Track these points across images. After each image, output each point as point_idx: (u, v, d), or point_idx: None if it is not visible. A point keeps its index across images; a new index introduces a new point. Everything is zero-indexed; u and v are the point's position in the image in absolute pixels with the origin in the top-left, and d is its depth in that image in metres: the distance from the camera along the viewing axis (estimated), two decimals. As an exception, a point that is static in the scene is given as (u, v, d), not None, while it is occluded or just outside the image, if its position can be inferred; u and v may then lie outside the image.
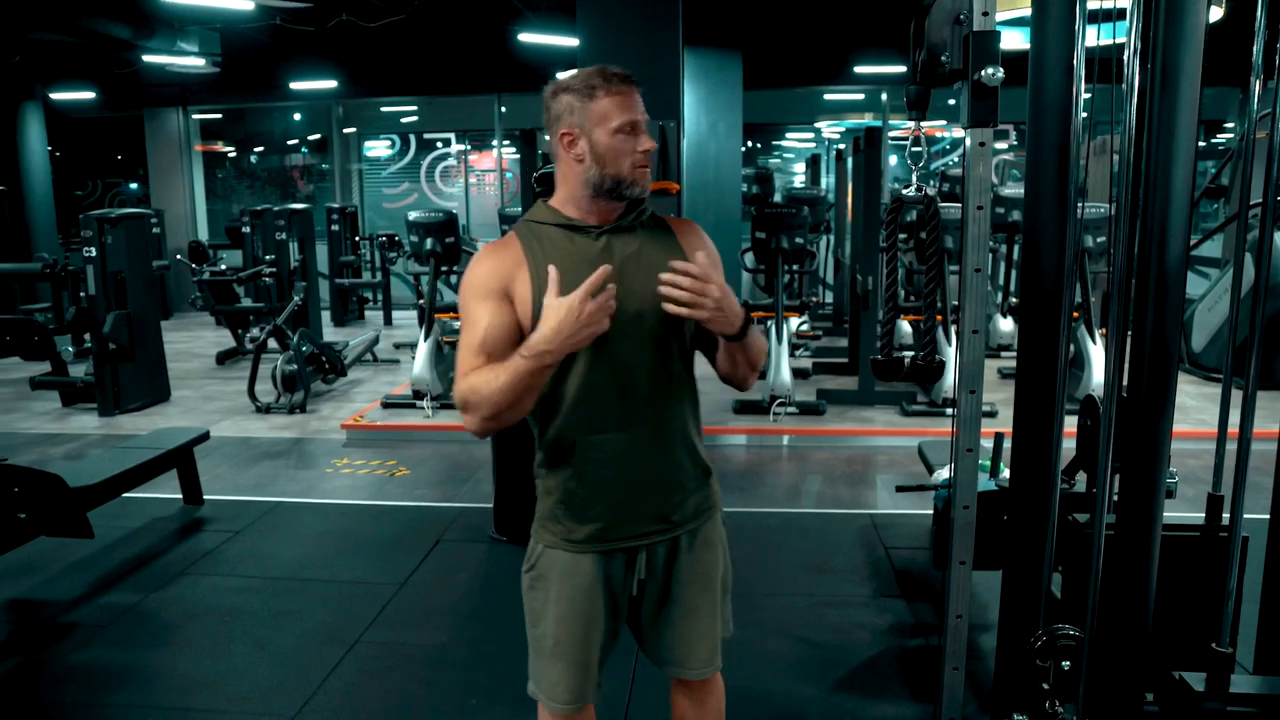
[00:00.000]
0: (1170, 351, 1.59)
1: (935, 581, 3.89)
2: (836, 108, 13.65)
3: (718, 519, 2.02)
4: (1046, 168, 1.92)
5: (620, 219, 1.86)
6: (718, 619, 2.01)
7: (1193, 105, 1.53)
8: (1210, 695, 1.59)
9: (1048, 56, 1.90)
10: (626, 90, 1.77)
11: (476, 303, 1.81)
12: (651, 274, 1.79)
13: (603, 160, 1.78)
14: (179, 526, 4.66)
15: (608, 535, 1.89)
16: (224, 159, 14.56)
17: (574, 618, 1.92)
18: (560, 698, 1.97)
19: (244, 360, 8.76)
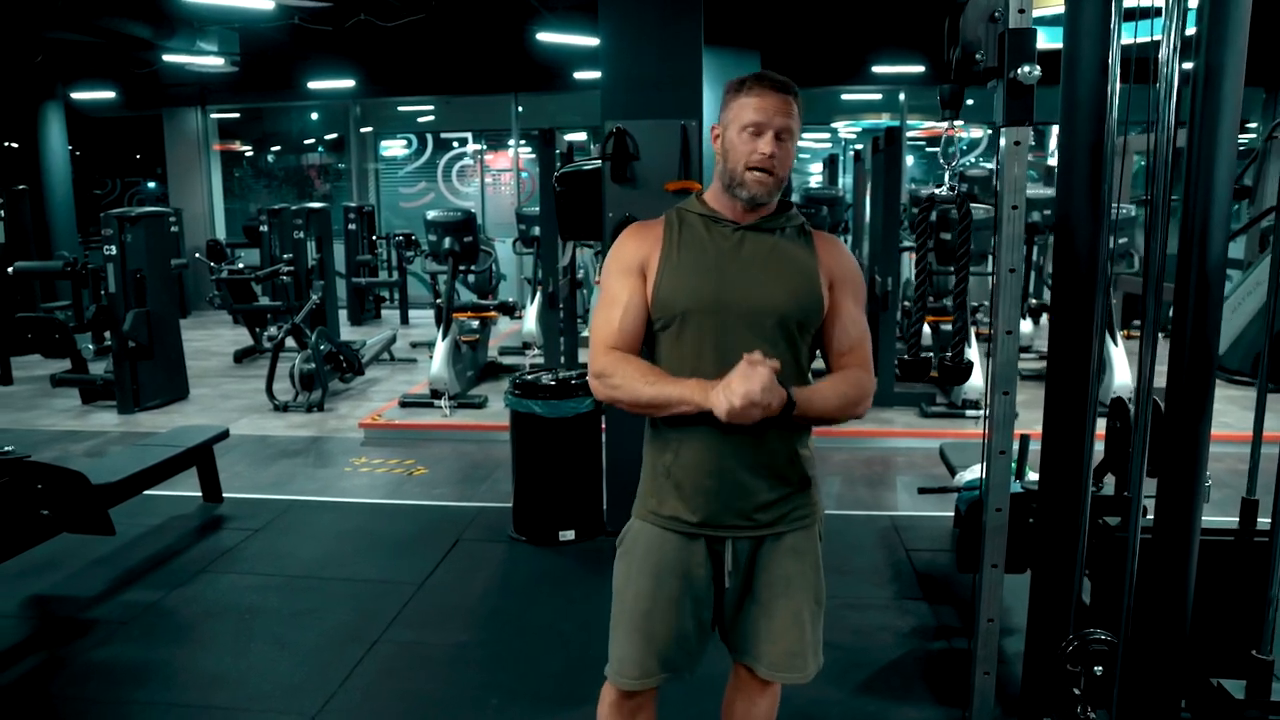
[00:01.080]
0: (1211, 350, 1.57)
1: (957, 584, 3.86)
2: (853, 108, 13.61)
3: (813, 532, 2.01)
4: (1079, 168, 1.90)
5: (763, 220, 1.90)
6: (804, 629, 1.99)
7: (1236, 102, 1.51)
8: (1251, 704, 1.56)
9: (1081, 55, 1.88)
10: (770, 94, 1.81)
11: (618, 277, 1.91)
12: (776, 275, 1.87)
13: (726, 155, 1.86)
14: (199, 524, 4.67)
15: (694, 519, 1.91)
16: (241, 158, 14.62)
17: (651, 593, 1.95)
18: (624, 671, 1.99)
19: (261, 359, 8.79)
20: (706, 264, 1.86)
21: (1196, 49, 1.53)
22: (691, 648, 2.00)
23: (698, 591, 1.95)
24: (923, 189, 7.89)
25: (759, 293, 1.85)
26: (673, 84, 4.06)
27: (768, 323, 1.85)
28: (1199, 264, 1.55)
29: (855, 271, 1.96)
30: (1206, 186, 1.54)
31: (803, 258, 1.90)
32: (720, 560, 1.94)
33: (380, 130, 14.07)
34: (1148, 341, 1.82)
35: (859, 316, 1.94)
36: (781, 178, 1.86)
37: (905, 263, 8.35)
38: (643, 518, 1.98)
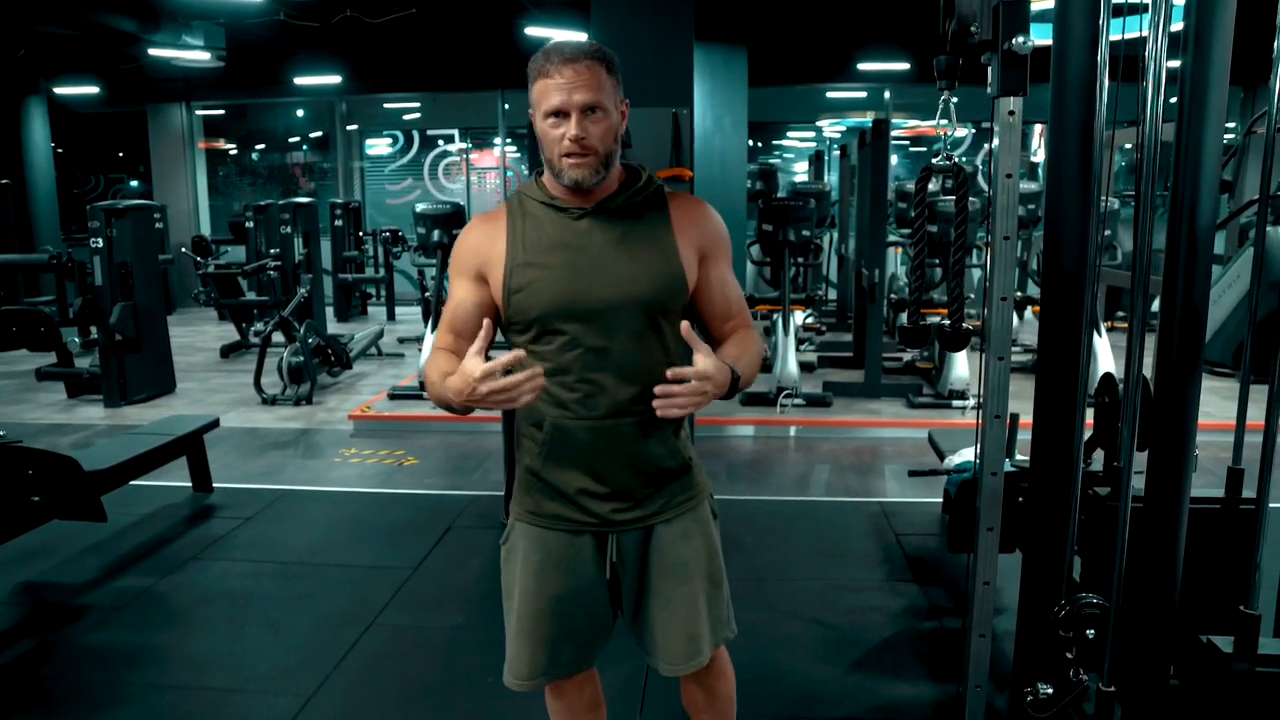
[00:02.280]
0: (1200, 324, 1.61)
1: (948, 567, 3.91)
2: (838, 106, 13.69)
3: (702, 513, 1.94)
4: (1068, 162, 1.93)
5: (609, 199, 1.78)
6: (700, 613, 1.92)
7: (1222, 95, 1.55)
8: (1239, 657, 1.60)
9: (1070, 50, 1.91)
10: (565, 69, 1.66)
11: (455, 276, 1.85)
12: (634, 262, 1.77)
13: (541, 144, 1.73)
14: (189, 513, 4.66)
15: (574, 515, 1.85)
16: (226, 156, 14.56)
17: (536, 594, 1.89)
18: (516, 672, 1.95)
19: (248, 354, 8.77)
20: (556, 262, 1.74)
21: (1184, 45, 1.56)
22: (585, 640, 1.95)
23: (586, 586, 1.90)
24: (908, 184, 7.94)
25: (617, 287, 1.74)
26: (664, 72, 4.09)
27: (631, 315, 1.76)
28: (1189, 236, 1.59)
29: (721, 233, 1.87)
30: (1194, 177, 1.57)
31: (659, 237, 1.80)
32: (606, 552, 1.89)
33: (366, 128, 14.06)
34: (1138, 317, 1.87)
35: (732, 277, 1.88)
36: (604, 153, 1.71)
37: (891, 257, 8.42)
38: (521, 519, 1.91)
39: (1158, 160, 1.75)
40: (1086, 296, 1.99)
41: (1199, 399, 1.80)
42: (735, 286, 1.92)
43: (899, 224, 8.24)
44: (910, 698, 2.91)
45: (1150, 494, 1.76)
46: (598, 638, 1.98)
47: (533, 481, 1.88)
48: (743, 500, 4.81)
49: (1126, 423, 2.06)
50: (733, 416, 6.32)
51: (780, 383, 6.47)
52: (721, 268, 1.89)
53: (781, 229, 6.79)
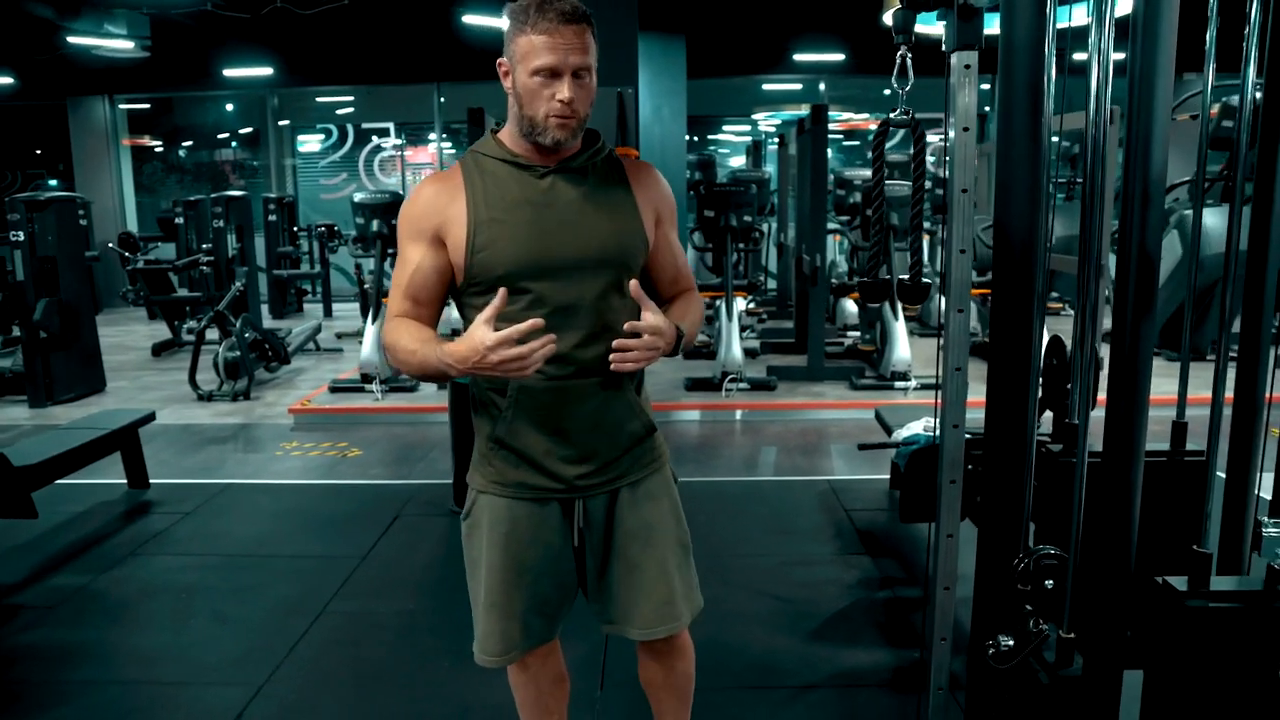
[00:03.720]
0: (1153, 283, 1.64)
1: (898, 539, 3.96)
2: (774, 99, 13.80)
3: (665, 475, 1.93)
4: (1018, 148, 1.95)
5: (570, 159, 1.75)
6: (672, 576, 1.90)
7: (1168, 80, 1.59)
8: (1192, 594, 1.64)
9: (1017, 38, 1.93)
10: (559, 30, 1.62)
11: (408, 241, 1.77)
12: (597, 221, 1.75)
13: (521, 100, 1.68)
14: (125, 509, 4.52)
15: (539, 482, 1.82)
16: (151, 153, 14.13)
17: (505, 566, 1.85)
18: (489, 649, 1.92)
19: (181, 352, 8.54)
20: (520, 219, 1.71)
21: (1132, 32, 1.59)
22: (552, 611, 1.92)
23: (553, 555, 1.87)
24: (846, 171, 8.03)
25: (583, 243, 1.73)
26: (609, 52, 4.06)
27: (596, 273, 1.74)
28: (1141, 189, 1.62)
29: (670, 197, 1.89)
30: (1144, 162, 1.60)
31: (621, 196, 1.79)
32: (573, 519, 1.86)
33: (298, 123, 13.77)
34: (1092, 266, 1.91)
35: (678, 241, 1.90)
36: (584, 116, 1.70)
37: (830, 244, 8.51)
38: (485, 490, 1.86)
39: (1104, 148, 1.79)
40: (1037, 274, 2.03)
41: (1151, 354, 1.84)
42: (680, 250, 1.93)
43: (838, 211, 8.33)
44: (869, 664, 2.94)
45: (1108, 446, 1.79)
46: (564, 606, 1.95)
47: (495, 450, 1.83)
48: (693, 481, 4.81)
49: (1079, 383, 2.12)
50: (679, 401, 6.33)
51: (725, 367, 6.50)
52: (671, 232, 1.91)
53: (723, 214, 6.81)
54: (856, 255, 7.71)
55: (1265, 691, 1.58)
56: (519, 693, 2.10)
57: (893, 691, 2.78)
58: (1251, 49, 1.67)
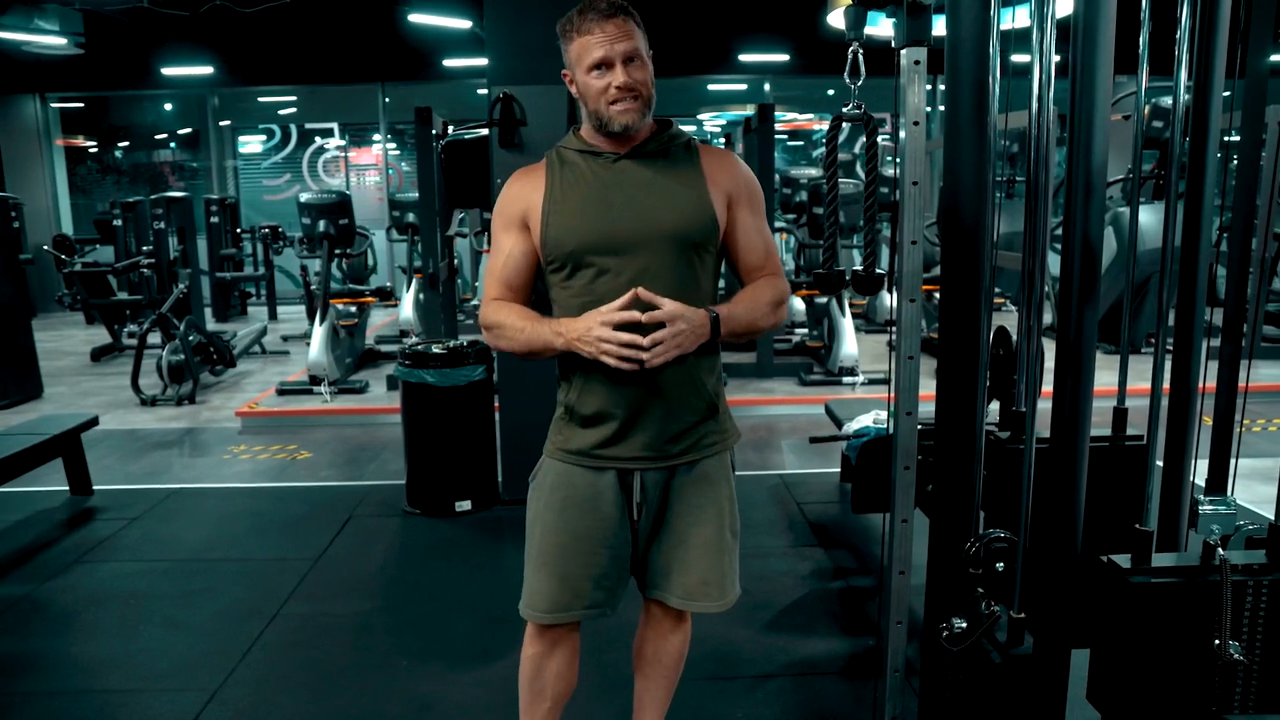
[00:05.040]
0: (1096, 257, 1.71)
1: (849, 531, 4.03)
2: (720, 99, 13.89)
3: (725, 460, 2.00)
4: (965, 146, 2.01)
5: (641, 145, 1.87)
6: (720, 558, 1.98)
7: (1107, 81, 1.65)
8: (1135, 571, 1.71)
9: (962, 38, 1.99)
10: (604, 24, 1.77)
11: (501, 230, 1.92)
12: (661, 200, 1.85)
13: (586, 99, 1.83)
14: (67, 517, 4.42)
15: (601, 452, 1.90)
16: (85, 154, 13.77)
17: (560, 529, 1.94)
18: (537, 605, 1.97)
19: (121, 357, 8.37)
20: (590, 198, 1.84)
21: (1072, 34, 1.65)
22: (610, 584, 1.98)
23: (609, 525, 1.94)
24: (791, 170, 8.13)
25: (648, 218, 1.83)
26: (558, 49, 4.07)
27: (662, 247, 1.83)
28: (1084, 176, 1.68)
29: (751, 182, 1.95)
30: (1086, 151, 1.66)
31: (690, 177, 1.88)
32: (630, 493, 1.93)
33: (240, 123, 13.53)
34: (1036, 261, 1.98)
35: (763, 226, 1.95)
36: (648, 98, 1.83)
37: (778, 242, 8.60)
38: (551, 455, 1.97)
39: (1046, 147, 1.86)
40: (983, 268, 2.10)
41: (1094, 343, 1.91)
42: (766, 235, 1.98)
43: (784, 210, 8.43)
44: (824, 652, 3.00)
45: (1055, 433, 1.86)
46: (620, 581, 2.00)
47: (566, 418, 1.93)
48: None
49: (1026, 373, 2.20)
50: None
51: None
52: (750, 216, 1.95)
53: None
54: (803, 253, 7.81)
55: (1202, 660, 1.66)
56: (525, 666, 2.09)
57: (849, 678, 2.84)
58: (1183, 53, 1.74)
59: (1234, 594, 1.63)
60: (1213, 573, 1.66)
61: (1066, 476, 1.85)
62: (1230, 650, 1.62)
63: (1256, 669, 1.66)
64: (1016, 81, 1.96)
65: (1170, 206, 1.79)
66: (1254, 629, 1.65)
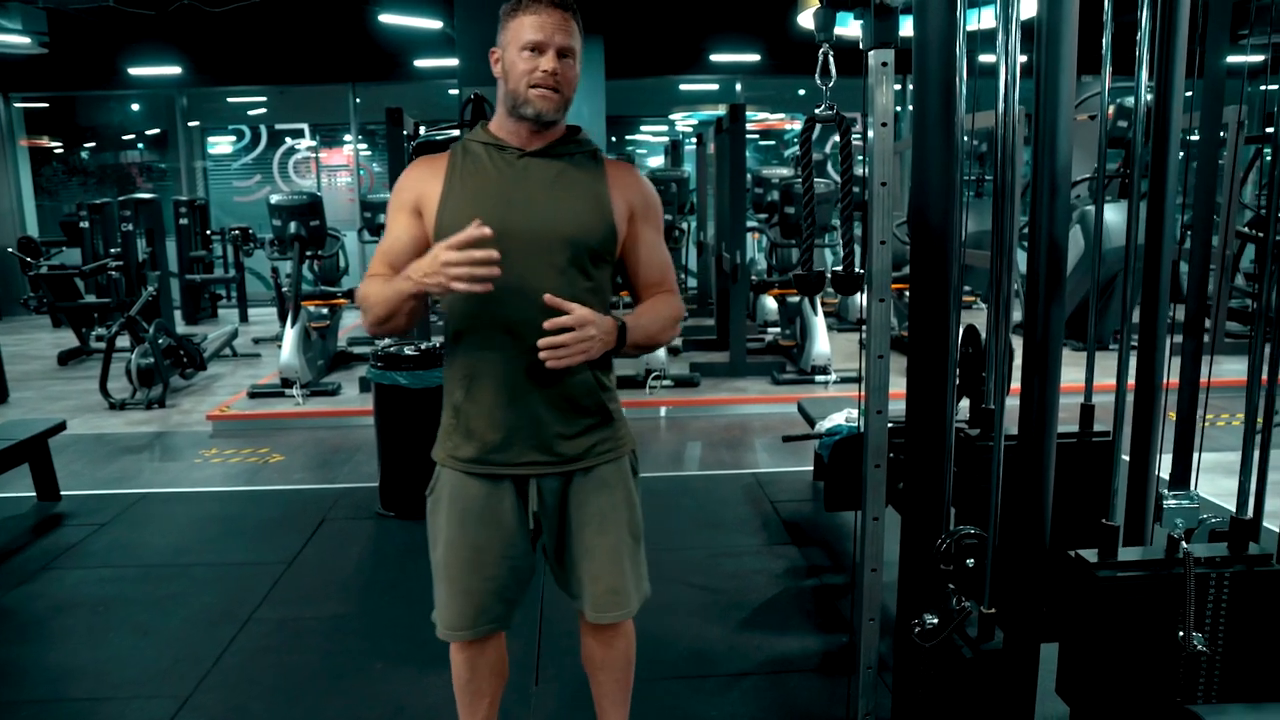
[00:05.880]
0: (1061, 254, 1.73)
1: (823, 529, 4.05)
2: (691, 99, 13.91)
3: (623, 465, 1.98)
4: (933, 146, 2.03)
5: (549, 145, 1.85)
6: (623, 566, 1.96)
7: (1070, 82, 1.68)
8: (1101, 565, 1.73)
9: (929, 40, 2.01)
10: (547, 11, 1.76)
11: (393, 212, 1.90)
12: (562, 202, 1.82)
13: (507, 76, 1.80)
14: (35, 523, 4.36)
15: (493, 459, 1.87)
16: (51, 155, 13.55)
17: (461, 542, 1.91)
18: (447, 622, 1.97)
19: (89, 360, 8.27)
20: (489, 192, 1.80)
21: (1036, 36, 1.68)
22: (510, 597, 1.98)
23: (508, 536, 1.92)
24: (763, 170, 8.16)
25: (545, 220, 1.80)
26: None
27: (557, 251, 1.80)
28: (1049, 174, 1.70)
29: (654, 198, 1.94)
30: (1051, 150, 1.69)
31: (592, 184, 1.86)
32: (528, 501, 1.91)
33: (209, 124, 13.38)
34: (1004, 260, 2.00)
35: (661, 244, 1.94)
36: (567, 97, 1.80)
37: (749, 242, 8.64)
38: (444, 463, 1.93)
39: (1012, 146, 1.88)
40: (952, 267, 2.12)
41: (1061, 340, 1.93)
42: (664, 252, 1.96)
43: (756, 209, 8.45)
44: (798, 650, 3.01)
45: (1023, 428, 1.88)
46: (519, 594, 2.00)
47: (456, 422, 1.89)
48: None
49: (995, 370, 2.24)
50: (605, 400, 6.35)
51: (648, 365, 6.56)
52: (651, 232, 1.94)
53: (644, 214, 6.85)
54: (775, 252, 7.84)
55: (1167, 652, 1.68)
56: (457, 670, 2.12)
57: (823, 675, 2.86)
58: (1143, 53, 1.77)
59: (1197, 586, 1.66)
60: (1176, 566, 1.68)
61: (1034, 473, 1.87)
62: (1194, 642, 1.65)
63: (1219, 659, 1.69)
64: (984, 81, 1.99)
65: (1133, 205, 1.82)
66: (1216, 620, 1.68)
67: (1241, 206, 7.66)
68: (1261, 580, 1.68)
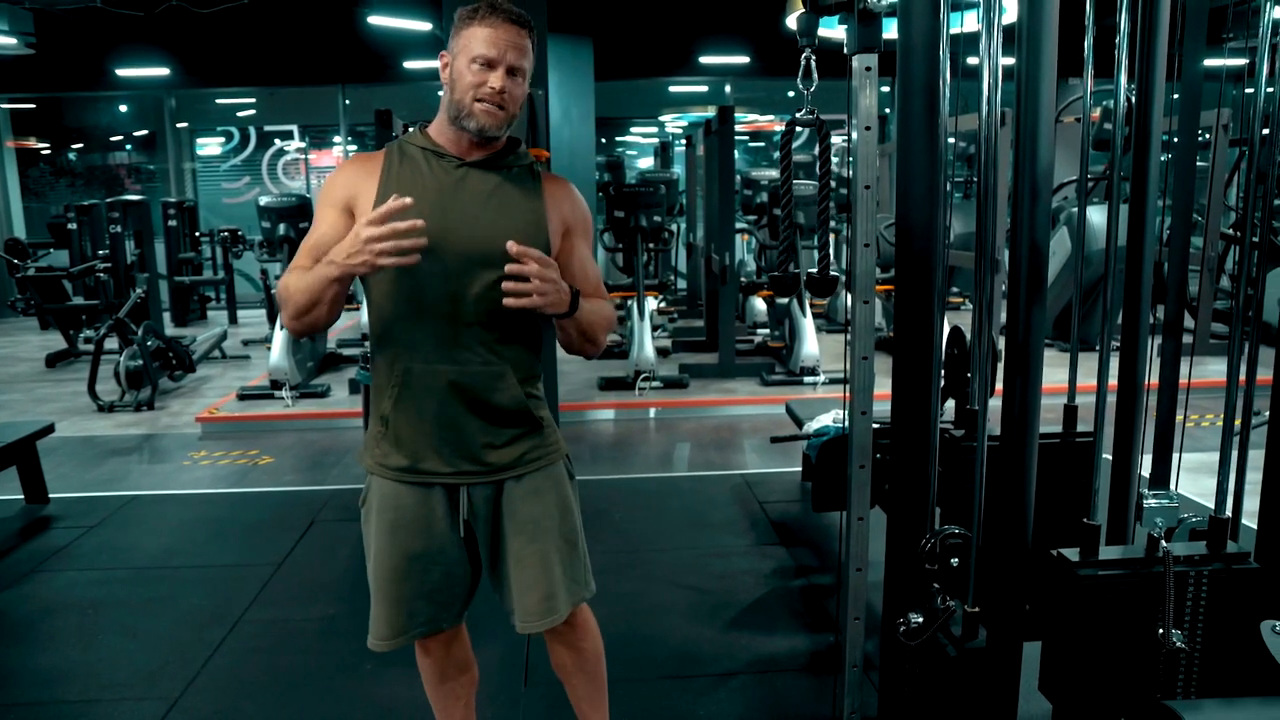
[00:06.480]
0: (1042, 256, 1.75)
1: (811, 529, 4.07)
2: (680, 100, 13.94)
3: (556, 471, 1.96)
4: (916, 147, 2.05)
5: (488, 158, 1.84)
6: (554, 572, 1.94)
7: (1051, 85, 1.70)
8: (1083, 564, 1.75)
9: (914, 44, 2.03)
10: (504, 26, 1.73)
11: (322, 207, 1.85)
12: (502, 215, 1.81)
13: (454, 86, 1.77)
14: (23, 525, 4.35)
15: (422, 467, 1.85)
16: (38, 156, 13.50)
17: (391, 552, 1.90)
18: (376, 632, 1.96)
19: (77, 363, 8.25)
20: (425, 200, 1.74)
21: (1018, 39, 1.70)
22: (443, 598, 1.96)
23: (441, 543, 1.91)
24: (752, 171, 8.18)
25: (479, 234, 1.78)
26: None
27: (488, 265, 1.76)
28: (1030, 179, 1.73)
29: (587, 213, 1.96)
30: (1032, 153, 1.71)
31: (528, 198, 1.85)
32: (459, 508, 1.90)
33: (198, 125, 13.35)
34: (987, 265, 2.03)
35: (591, 257, 1.95)
36: (512, 114, 1.79)
37: (739, 243, 8.66)
38: (373, 471, 1.91)
39: (996, 148, 1.90)
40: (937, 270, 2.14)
41: (1043, 342, 1.96)
42: (594, 266, 1.97)
43: (745, 211, 8.48)
44: (786, 649, 3.03)
45: (1006, 430, 1.90)
46: (456, 596, 1.98)
47: (384, 430, 1.87)
48: (609, 479, 4.88)
49: (979, 371, 2.27)
50: (593, 401, 6.38)
51: (638, 366, 6.57)
52: (583, 246, 1.95)
53: (633, 215, 6.89)
54: (764, 254, 7.87)
55: (1147, 649, 1.71)
56: (425, 675, 2.15)
57: (810, 674, 2.88)
58: (1122, 57, 1.79)
59: (1176, 584, 1.69)
60: (1156, 564, 1.71)
61: (1017, 473, 1.89)
62: (1173, 638, 1.67)
63: (1198, 656, 1.71)
64: (968, 84, 2.01)
65: (1114, 207, 1.84)
66: (1195, 618, 1.70)
67: (1225, 209, 7.73)
68: (1239, 578, 1.71)
